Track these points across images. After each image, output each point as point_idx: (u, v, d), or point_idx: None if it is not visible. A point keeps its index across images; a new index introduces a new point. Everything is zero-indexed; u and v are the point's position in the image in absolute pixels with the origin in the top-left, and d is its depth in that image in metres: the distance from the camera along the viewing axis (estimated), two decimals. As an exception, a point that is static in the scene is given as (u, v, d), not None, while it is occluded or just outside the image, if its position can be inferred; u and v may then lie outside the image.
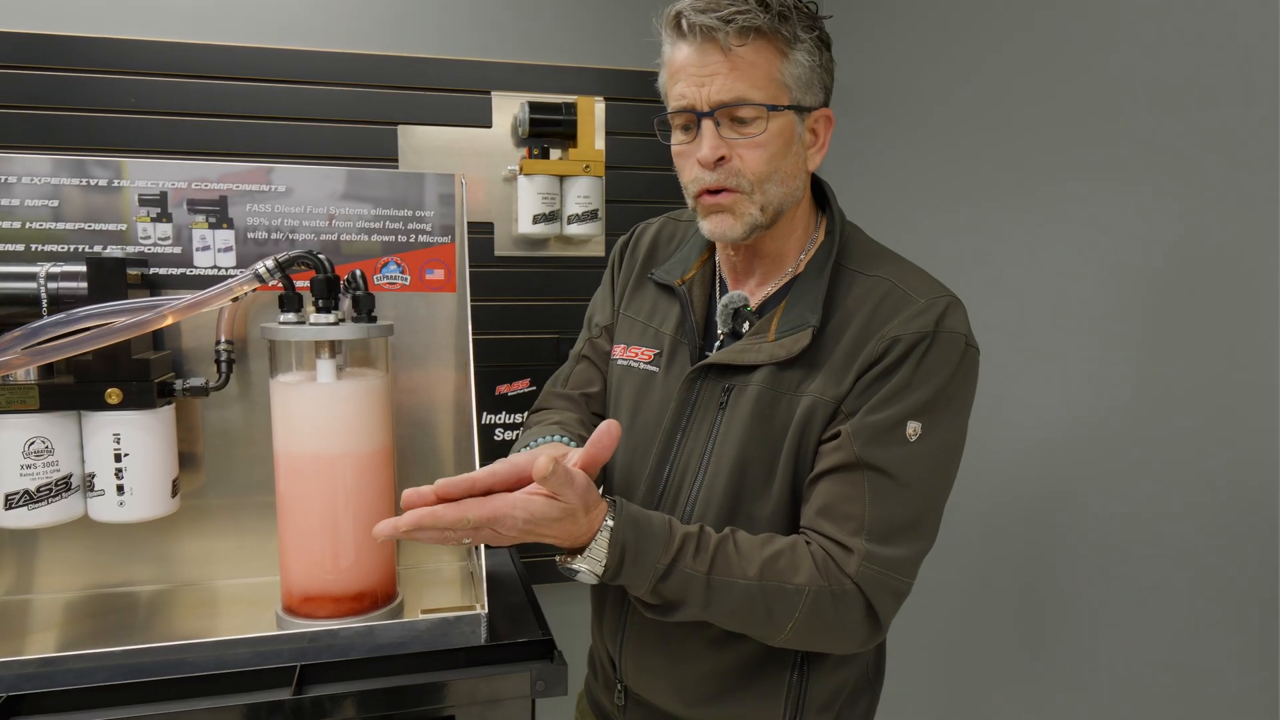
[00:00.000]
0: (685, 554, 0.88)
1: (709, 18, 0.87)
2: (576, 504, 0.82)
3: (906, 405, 0.90)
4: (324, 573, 1.10)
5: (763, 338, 0.96)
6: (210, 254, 1.22)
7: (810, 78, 0.93)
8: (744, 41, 0.88)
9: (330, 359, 1.09)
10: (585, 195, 1.83)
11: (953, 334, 0.92)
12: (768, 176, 0.93)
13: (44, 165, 1.16)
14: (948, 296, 0.94)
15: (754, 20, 0.87)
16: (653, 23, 0.95)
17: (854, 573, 0.89)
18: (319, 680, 0.94)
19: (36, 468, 1.09)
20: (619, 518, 0.86)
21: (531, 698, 0.98)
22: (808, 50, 0.91)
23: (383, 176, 1.27)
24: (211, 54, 1.68)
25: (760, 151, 0.91)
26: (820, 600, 0.89)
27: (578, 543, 0.86)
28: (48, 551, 1.21)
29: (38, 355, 1.02)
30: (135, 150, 1.65)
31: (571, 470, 0.81)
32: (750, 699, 1.01)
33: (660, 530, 0.88)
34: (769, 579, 0.88)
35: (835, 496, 0.91)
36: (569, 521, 0.83)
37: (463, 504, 0.80)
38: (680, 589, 0.88)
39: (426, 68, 1.79)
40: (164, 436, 1.15)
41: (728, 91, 0.89)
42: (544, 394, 1.18)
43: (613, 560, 0.86)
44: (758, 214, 0.94)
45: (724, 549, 0.89)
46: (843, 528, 0.90)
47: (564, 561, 0.88)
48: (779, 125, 0.91)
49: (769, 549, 0.90)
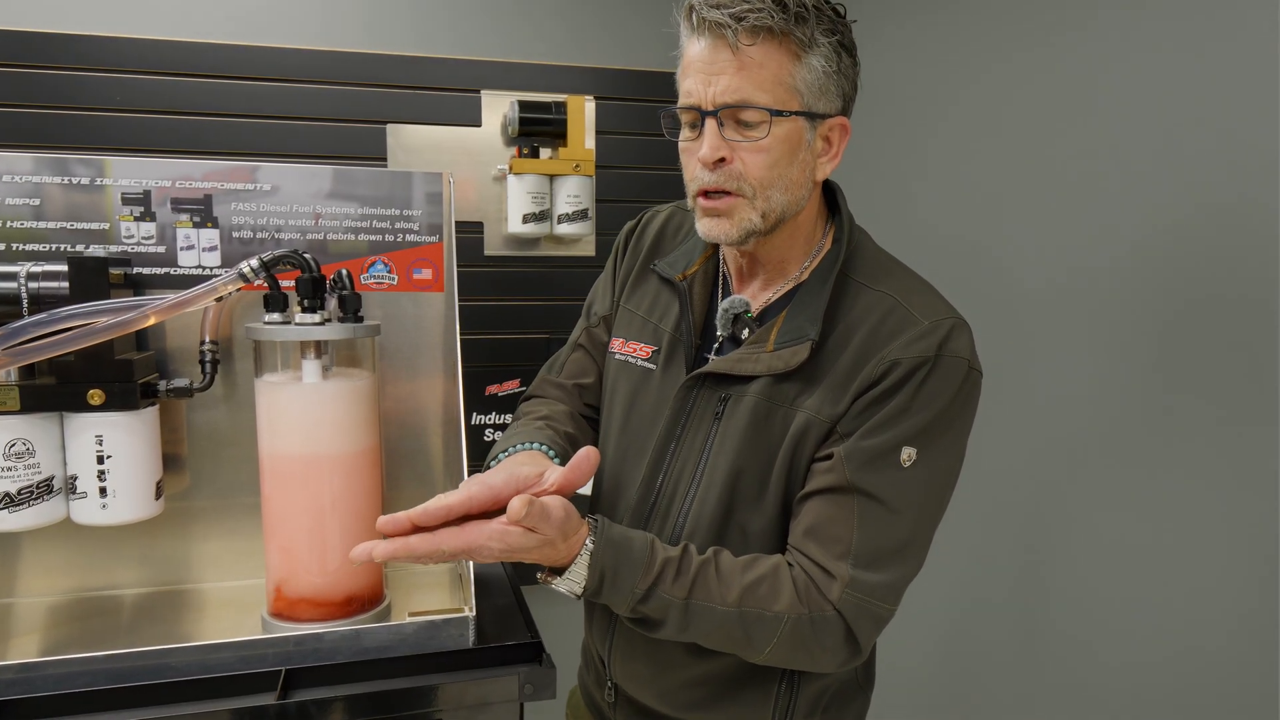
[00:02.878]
0: (665, 579, 0.87)
1: (720, 14, 0.85)
2: (554, 535, 0.81)
3: (902, 430, 0.88)
4: (310, 575, 1.09)
5: (761, 347, 0.94)
6: (195, 253, 1.21)
7: (825, 83, 0.89)
8: (754, 41, 0.85)
9: (316, 359, 1.08)
10: (575, 194, 1.82)
11: (955, 358, 0.89)
12: (770, 182, 0.90)
13: (25, 163, 1.14)
14: (952, 318, 0.91)
15: (766, 20, 0.84)
16: (672, 14, 0.92)
17: (836, 599, 0.88)
18: (305, 684, 0.93)
19: (17, 470, 1.07)
20: (599, 541, 0.85)
21: (520, 701, 0.97)
22: (824, 55, 0.88)
23: (370, 175, 1.26)
24: (196, 51, 1.67)
25: (762, 156, 0.88)
26: (799, 626, 0.88)
27: (558, 564, 0.86)
28: (29, 555, 1.19)
29: (18, 356, 1.01)
30: (118, 148, 1.63)
31: (547, 504, 0.79)
32: (737, 707, 1.00)
33: (640, 554, 0.87)
34: (748, 605, 0.87)
35: (823, 518, 0.90)
36: (547, 548, 0.82)
37: (438, 535, 0.78)
38: (659, 612, 0.87)
39: (415, 66, 1.78)
40: (147, 438, 1.14)
41: (732, 92, 0.86)
42: (539, 380, 1.17)
43: (592, 582, 0.86)
44: (757, 220, 0.91)
45: (705, 574, 0.88)
46: (828, 550, 0.89)
47: (545, 579, 0.88)
48: (784, 130, 0.88)
49: (750, 575, 0.89)
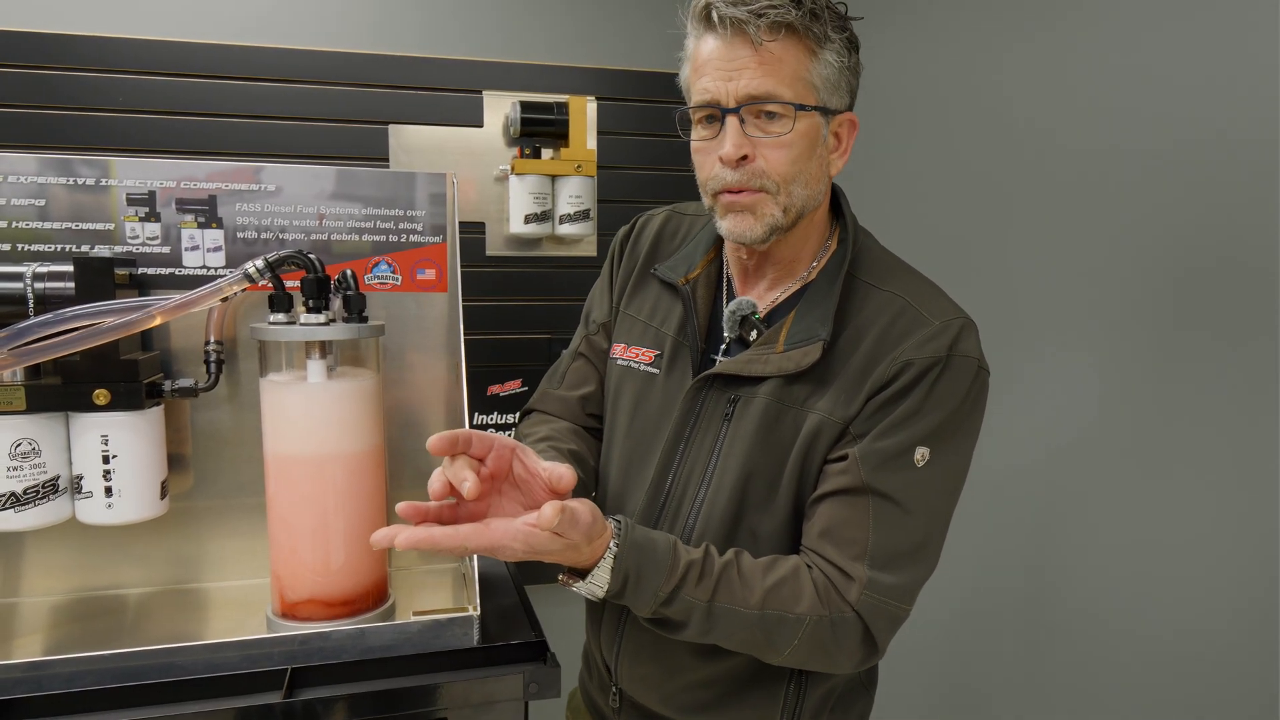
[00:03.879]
0: (688, 581, 0.87)
1: (740, 10, 0.85)
2: (579, 539, 0.81)
3: (916, 431, 0.89)
4: (315, 575, 1.09)
5: (771, 348, 0.94)
6: (199, 254, 1.21)
7: (838, 79, 0.90)
8: (775, 37, 0.86)
9: (321, 359, 1.09)
10: (577, 195, 1.83)
11: (965, 358, 0.90)
12: (793, 178, 0.90)
13: (30, 164, 1.15)
14: (961, 318, 0.92)
15: (786, 16, 0.85)
16: (678, 15, 0.92)
17: (855, 600, 0.88)
18: (310, 683, 0.93)
19: (23, 469, 1.08)
20: (624, 544, 0.85)
21: (524, 700, 0.97)
22: (837, 51, 0.89)
23: (373, 176, 1.26)
24: (200, 52, 1.67)
25: (785, 152, 0.88)
26: (820, 627, 0.88)
27: (581, 565, 0.85)
28: (35, 554, 1.19)
29: (24, 356, 1.01)
30: (123, 149, 1.63)
31: (576, 510, 0.80)
32: (745, 709, 1.00)
33: (664, 556, 0.87)
34: (770, 608, 0.88)
35: (839, 520, 0.90)
36: (571, 551, 0.82)
37: (462, 532, 0.78)
38: (682, 614, 0.88)
39: (418, 67, 1.78)
40: (152, 438, 1.14)
41: (755, 86, 0.86)
42: (540, 392, 1.17)
43: (615, 585, 0.85)
44: (780, 215, 0.91)
45: (727, 576, 0.88)
46: (845, 552, 0.89)
47: (566, 581, 0.87)
48: (805, 126, 0.89)
49: (772, 576, 0.89)
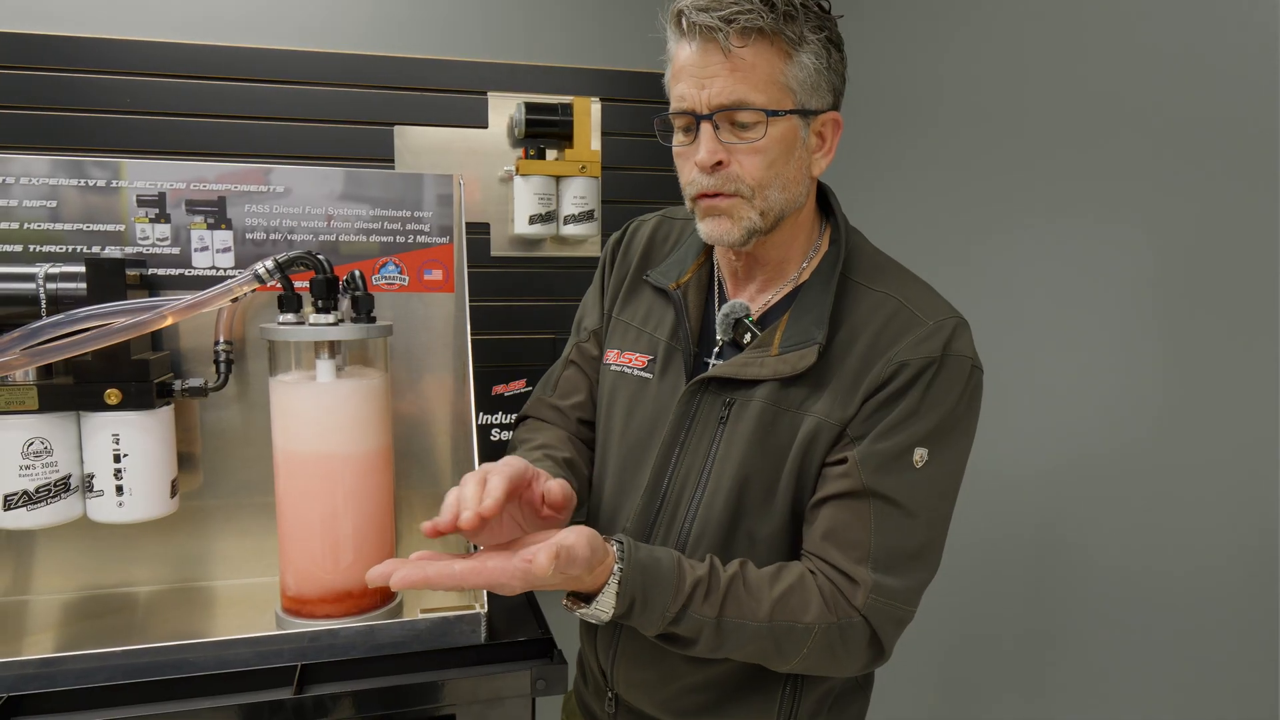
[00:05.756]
0: (695, 599, 0.86)
1: (709, 17, 0.84)
2: (580, 572, 0.80)
3: (914, 432, 0.89)
4: (323, 572, 1.10)
5: (766, 351, 0.94)
6: (209, 254, 1.22)
7: (817, 80, 0.89)
8: (745, 43, 0.85)
9: (329, 359, 1.10)
10: (581, 196, 1.83)
11: (959, 357, 0.90)
12: (768, 182, 0.90)
13: (42, 166, 1.16)
14: (955, 318, 0.92)
15: (756, 21, 0.84)
16: (658, 18, 0.92)
17: (861, 605, 0.88)
18: (320, 680, 0.94)
19: (35, 468, 1.09)
20: (628, 566, 0.84)
21: (532, 696, 0.98)
22: (814, 51, 0.88)
23: (381, 177, 1.27)
24: (209, 55, 1.68)
25: (759, 157, 0.89)
26: (829, 634, 0.88)
27: (585, 591, 0.85)
28: (46, 552, 1.21)
29: (37, 356, 1.02)
30: (133, 151, 1.65)
31: (572, 548, 0.78)
32: (742, 712, 1.00)
33: (669, 575, 0.86)
34: (779, 618, 0.87)
35: (840, 523, 0.90)
36: (572, 581, 0.81)
37: (458, 573, 0.78)
38: (691, 631, 0.87)
39: (423, 68, 1.79)
40: (163, 437, 1.15)
41: (727, 94, 0.86)
42: (533, 399, 1.17)
43: (621, 609, 0.84)
44: (756, 219, 0.91)
45: (734, 589, 0.88)
46: (848, 556, 0.89)
47: (570, 606, 0.86)
48: (780, 130, 0.89)
49: (778, 587, 0.89)
